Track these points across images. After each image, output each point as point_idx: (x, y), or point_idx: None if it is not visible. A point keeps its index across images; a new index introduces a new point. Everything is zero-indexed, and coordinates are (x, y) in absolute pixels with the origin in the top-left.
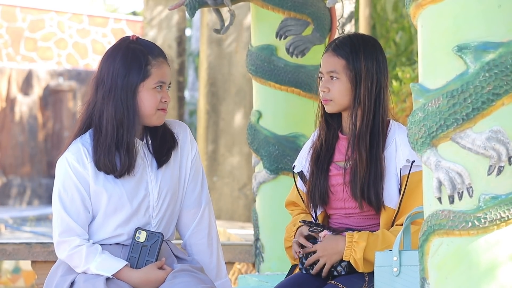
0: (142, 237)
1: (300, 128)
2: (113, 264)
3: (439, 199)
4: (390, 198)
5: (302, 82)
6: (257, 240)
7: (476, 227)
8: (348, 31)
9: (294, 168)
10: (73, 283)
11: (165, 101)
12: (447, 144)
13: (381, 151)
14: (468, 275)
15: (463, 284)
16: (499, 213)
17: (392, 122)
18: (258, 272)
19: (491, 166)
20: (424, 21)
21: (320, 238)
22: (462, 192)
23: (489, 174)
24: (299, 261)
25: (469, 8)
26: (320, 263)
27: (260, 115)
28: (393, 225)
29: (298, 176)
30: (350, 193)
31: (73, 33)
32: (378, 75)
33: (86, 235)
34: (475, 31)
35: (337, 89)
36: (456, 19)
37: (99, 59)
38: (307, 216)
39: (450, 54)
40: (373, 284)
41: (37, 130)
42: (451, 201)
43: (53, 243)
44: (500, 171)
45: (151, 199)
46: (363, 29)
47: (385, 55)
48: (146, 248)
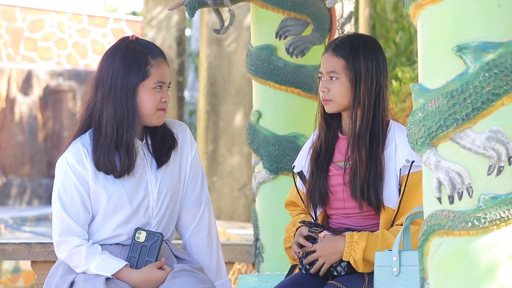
0: (142, 237)
1: (300, 128)
2: (113, 264)
3: (439, 199)
4: (390, 198)
5: (302, 82)
6: (257, 240)
7: (476, 227)
8: (348, 31)
9: (293, 168)
10: (73, 283)
11: (165, 101)
12: (447, 144)
13: (380, 151)
14: (468, 275)
15: (463, 284)
16: (499, 213)
17: (392, 122)
18: (258, 272)
19: (491, 166)
20: (424, 21)
21: (319, 239)
22: (462, 192)
23: (489, 174)
24: (298, 261)
25: (469, 8)
26: (319, 262)
27: (260, 115)
28: (393, 225)
29: (297, 176)
30: (350, 193)
31: (73, 33)
32: (377, 75)
33: (86, 235)
34: (475, 31)
35: (337, 89)
36: (456, 19)
37: (99, 59)
38: (307, 217)
39: (450, 54)
40: (373, 284)
41: (37, 130)
42: (451, 201)
43: (53, 243)
44: (500, 171)
45: (151, 199)
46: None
47: (384, 55)
48: (146, 248)
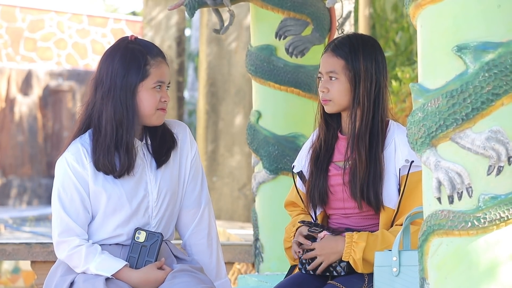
0: (141, 237)
1: (299, 128)
2: (112, 264)
3: (439, 199)
4: (390, 198)
5: (302, 82)
6: (256, 240)
7: (475, 227)
8: (348, 31)
9: (293, 168)
10: (72, 283)
11: (165, 100)
12: (447, 144)
13: (380, 151)
14: (468, 275)
15: (462, 284)
16: (499, 213)
17: (391, 122)
18: (258, 272)
19: (490, 166)
20: (424, 21)
21: (319, 238)
22: (462, 192)
23: (488, 174)
24: (298, 261)
25: (468, 8)
26: (317, 260)
27: (259, 115)
28: (393, 225)
29: (297, 176)
30: (350, 193)
31: (72, 33)
32: (377, 75)
33: (86, 235)
34: (474, 31)
35: (336, 89)
36: (456, 19)
37: (98, 59)
38: (307, 217)
39: (449, 54)
40: (372, 284)
41: (37, 130)
42: (451, 201)
43: (53, 243)
44: (499, 171)
45: (151, 200)
46: (362, 29)
47: (384, 55)
48: (145, 248)
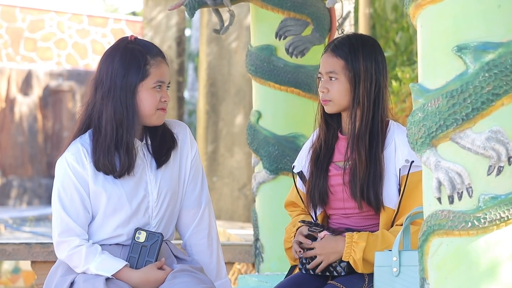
0: (141, 237)
1: (299, 128)
2: (112, 264)
3: (439, 199)
4: (390, 198)
5: (302, 82)
6: (256, 240)
7: (475, 227)
8: (348, 31)
9: (293, 168)
10: (72, 283)
11: (165, 100)
12: (447, 144)
13: (380, 151)
14: (468, 275)
15: (462, 284)
16: (499, 213)
17: (391, 122)
18: (258, 272)
19: (490, 166)
20: (424, 21)
21: (319, 238)
22: (462, 192)
23: (488, 174)
24: (299, 261)
25: (468, 8)
26: (317, 260)
27: (259, 115)
28: (393, 225)
29: (297, 176)
30: (350, 193)
31: (72, 33)
32: (377, 75)
33: (86, 235)
34: (474, 31)
35: (336, 89)
36: (456, 19)
37: (98, 59)
38: (307, 217)
39: (449, 54)
40: (373, 285)
41: (37, 130)
42: (451, 201)
43: (53, 243)
44: (499, 171)
45: (151, 200)
46: (362, 29)
47: (384, 55)
48: (145, 248)
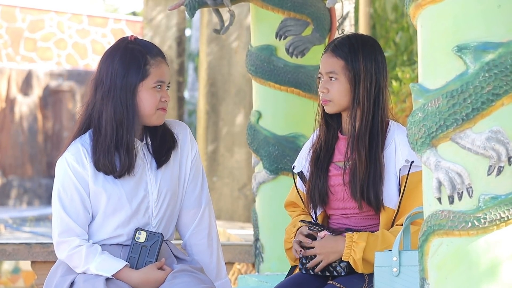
0: (142, 237)
1: (299, 128)
2: (112, 264)
3: (439, 199)
4: (390, 198)
5: (302, 82)
6: (256, 240)
7: (475, 227)
8: (348, 31)
9: (293, 168)
10: (72, 283)
11: (165, 100)
12: (447, 144)
13: (380, 151)
14: (468, 275)
15: (463, 284)
16: (499, 213)
17: (392, 122)
18: (258, 272)
19: (490, 166)
20: (424, 21)
21: (319, 238)
22: (462, 192)
23: (488, 174)
24: (299, 262)
25: (468, 8)
26: (317, 259)
27: (259, 115)
28: (393, 225)
29: (297, 176)
30: (350, 193)
31: (72, 34)
32: (377, 75)
33: (86, 235)
34: (474, 31)
35: (336, 89)
36: (456, 19)
37: (98, 59)
38: (307, 217)
39: (449, 54)
40: (373, 285)
41: (37, 130)
42: (451, 201)
43: (53, 243)
44: (499, 171)
45: (151, 200)
46: (363, 29)
47: (384, 55)
48: (146, 249)
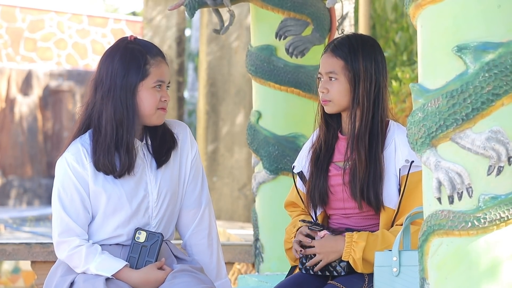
0: (142, 237)
1: (299, 128)
2: (112, 264)
3: (439, 199)
4: (390, 198)
5: (302, 82)
6: (256, 240)
7: (475, 227)
8: (347, 31)
9: (293, 168)
10: (72, 283)
11: (165, 100)
12: (447, 144)
13: (380, 151)
14: (468, 275)
15: (463, 284)
16: (499, 213)
17: (391, 122)
18: (258, 272)
19: (490, 166)
20: (424, 21)
21: (318, 237)
22: (462, 192)
23: (488, 174)
24: (299, 262)
25: (468, 8)
26: (316, 258)
27: (259, 115)
28: (393, 225)
29: (297, 176)
30: (350, 193)
31: (72, 34)
32: (377, 75)
33: (86, 235)
34: (474, 31)
35: (336, 89)
36: (456, 19)
37: (98, 59)
38: (307, 217)
39: (449, 54)
40: (373, 285)
41: (37, 130)
42: (451, 201)
43: (53, 243)
44: (499, 171)
45: (151, 200)
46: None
47: (384, 55)
48: (146, 249)
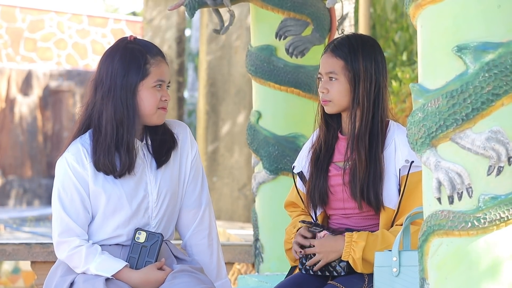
0: (141, 237)
1: (299, 128)
2: (112, 264)
3: (439, 199)
4: (390, 198)
5: (302, 82)
6: (256, 240)
7: (475, 228)
8: (348, 31)
9: (293, 168)
10: (72, 283)
11: (165, 99)
12: (447, 145)
13: (380, 151)
14: (468, 275)
15: (462, 284)
16: (499, 213)
17: (391, 122)
18: (258, 272)
19: (490, 166)
20: (424, 21)
21: (318, 238)
22: (462, 192)
23: (488, 175)
24: (299, 262)
25: (468, 8)
26: (316, 258)
27: (259, 115)
28: (393, 225)
29: (297, 176)
30: (350, 193)
31: (72, 34)
32: (376, 75)
33: (86, 235)
34: (474, 31)
35: (336, 90)
36: (456, 19)
37: (98, 59)
38: (307, 218)
39: (449, 54)
40: (373, 285)
41: (37, 130)
42: (451, 201)
43: (53, 243)
44: (499, 171)
45: (150, 200)
46: (362, 29)
47: (383, 55)
48: (145, 249)
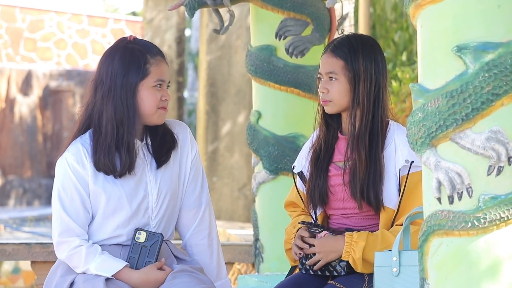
0: (142, 237)
1: (299, 128)
2: (112, 264)
3: (439, 199)
4: (390, 198)
5: (302, 82)
6: (256, 240)
7: (475, 227)
8: (347, 31)
9: (293, 168)
10: (72, 283)
11: (165, 99)
12: (447, 144)
13: (380, 151)
14: (468, 275)
15: (462, 284)
16: (499, 213)
17: (391, 122)
18: (258, 272)
19: (490, 166)
20: (424, 21)
21: (318, 237)
22: (462, 192)
23: (488, 174)
24: (299, 262)
25: (468, 8)
26: (316, 257)
27: (259, 115)
28: (393, 225)
29: (297, 176)
30: (350, 193)
31: (72, 34)
32: (376, 75)
33: (86, 235)
34: (474, 31)
35: (336, 90)
36: (456, 19)
37: (98, 59)
38: (307, 217)
39: (449, 54)
40: (373, 285)
41: (37, 130)
42: (451, 201)
43: (53, 243)
44: (499, 171)
45: (150, 200)
46: (362, 29)
47: (383, 55)
48: (146, 249)
